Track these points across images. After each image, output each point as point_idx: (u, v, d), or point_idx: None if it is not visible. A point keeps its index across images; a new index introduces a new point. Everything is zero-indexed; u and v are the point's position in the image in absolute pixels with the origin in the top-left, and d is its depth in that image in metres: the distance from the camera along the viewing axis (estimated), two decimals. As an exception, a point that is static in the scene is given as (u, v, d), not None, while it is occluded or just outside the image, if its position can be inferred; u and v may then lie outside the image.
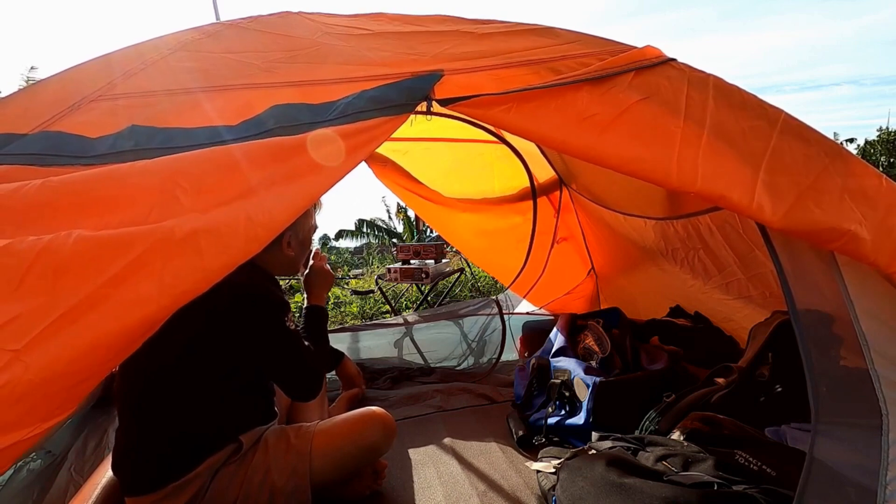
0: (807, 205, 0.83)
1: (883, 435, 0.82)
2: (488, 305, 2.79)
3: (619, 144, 0.88)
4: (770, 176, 0.85)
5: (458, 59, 0.99)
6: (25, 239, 0.60)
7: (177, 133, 0.82)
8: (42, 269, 0.59)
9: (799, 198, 0.84)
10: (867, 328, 0.85)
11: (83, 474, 1.35)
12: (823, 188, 0.85)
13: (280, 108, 0.86)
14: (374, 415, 1.29)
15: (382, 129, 0.85)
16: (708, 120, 0.89)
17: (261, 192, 0.73)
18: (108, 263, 0.61)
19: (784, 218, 0.83)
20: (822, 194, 0.85)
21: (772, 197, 0.83)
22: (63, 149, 0.77)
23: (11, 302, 0.57)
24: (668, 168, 0.85)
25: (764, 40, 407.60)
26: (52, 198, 0.66)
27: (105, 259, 0.61)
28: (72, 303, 0.59)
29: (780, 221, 0.83)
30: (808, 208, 0.83)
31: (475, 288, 5.55)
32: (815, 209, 0.83)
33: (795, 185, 0.85)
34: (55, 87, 0.93)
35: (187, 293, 0.64)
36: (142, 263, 0.62)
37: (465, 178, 2.62)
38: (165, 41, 1.04)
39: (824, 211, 0.83)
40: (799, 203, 0.84)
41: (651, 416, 1.49)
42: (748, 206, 0.83)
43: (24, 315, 0.57)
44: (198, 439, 1.10)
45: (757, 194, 0.83)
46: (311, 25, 1.13)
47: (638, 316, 2.25)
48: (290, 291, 5.43)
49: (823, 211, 0.83)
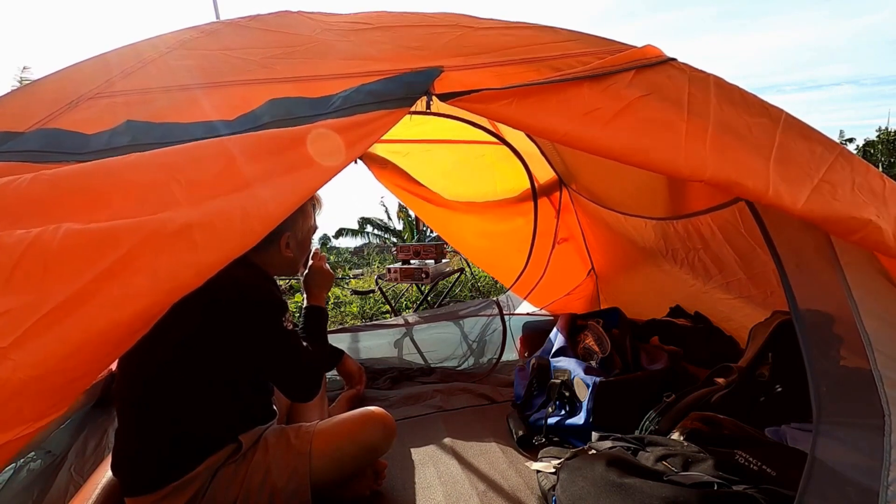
0: (823, 195, 0.81)
1: (885, 435, 0.81)
2: (489, 306, 2.79)
3: (625, 136, 0.86)
4: (782, 166, 0.83)
5: (458, 56, 0.98)
6: (13, 233, 0.58)
7: (173, 128, 0.81)
8: (30, 265, 0.57)
9: (815, 188, 0.82)
10: (870, 328, 0.85)
11: (83, 474, 1.35)
12: (835, 181, 0.84)
13: (277, 102, 0.85)
14: (374, 415, 1.29)
15: (381, 123, 0.84)
16: (712, 115, 0.88)
17: (256, 185, 0.71)
18: (98, 257, 0.60)
19: (805, 205, 0.80)
20: (835, 187, 0.83)
21: (788, 185, 0.81)
22: (60, 145, 0.77)
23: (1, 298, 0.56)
24: (677, 157, 0.83)
25: (764, 40, 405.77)
26: (43, 192, 0.65)
27: (95, 253, 0.60)
28: (61, 298, 0.57)
29: (801, 209, 0.80)
30: (826, 198, 0.81)
31: (475, 288, 5.54)
32: (832, 200, 0.81)
33: (808, 176, 0.83)
34: (53, 86, 0.92)
35: (181, 287, 0.63)
36: (133, 257, 0.61)
37: (465, 179, 2.61)
38: (164, 40, 1.03)
39: (841, 201, 0.81)
40: (816, 192, 0.81)
41: (651, 416, 1.48)
42: (765, 193, 0.81)
43: (13, 311, 0.55)
44: (197, 439, 1.10)
45: (773, 182, 0.81)
46: (310, 23, 1.13)
47: (638, 316, 2.24)
48: (289, 291, 5.43)
49: (840, 201, 0.81)
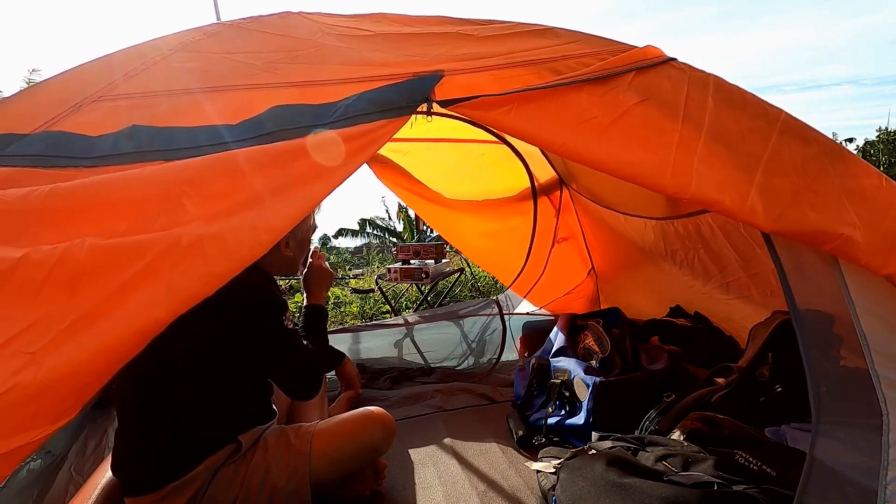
0: (802, 207, 0.85)
1: (883, 435, 0.82)
2: (488, 306, 2.79)
3: (617, 148, 0.89)
4: (766, 178, 0.86)
5: (459, 60, 0.98)
6: (41, 248, 0.62)
7: (178, 132, 0.82)
8: (59, 278, 0.62)
9: (794, 200, 0.85)
10: (867, 328, 0.85)
11: (83, 474, 1.36)
12: (821, 189, 0.87)
13: (280, 109, 0.86)
14: (374, 415, 1.29)
15: (383, 132, 0.85)
16: (707, 122, 0.90)
17: (264, 198, 0.75)
18: (120, 270, 0.64)
19: (776, 221, 0.85)
20: (818, 196, 0.86)
21: (765, 200, 0.85)
22: (64, 149, 0.78)
23: (32, 309, 0.60)
24: (664, 174, 0.87)
25: (764, 40, 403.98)
26: (60, 204, 0.68)
27: (117, 266, 0.64)
28: (86, 308, 0.62)
29: (772, 224, 0.85)
30: (803, 211, 0.85)
31: (475, 288, 5.55)
32: (810, 212, 0.85)
33: (792, 186, 0.86)
34: (56, 88, 0.93)
35: (193, 297, 0.67)
36: (152, 270, 0.65)
37: (466, 178, 2.61)
38: (166, 41, 1.04)
39: (819, 214, 0.85)
40: (794, 205, 0.85)
41: (651, 416, 1.49)
42: (740, 210, 0.85)
43: (42, 321, 0.60)
44: (197, 439, 1.10)
45: (750, 198, 0.85)
46: (311, 26, 1.13)
47: (638, 316, 2.25)
48: (289, 291, 5.43)
49: (818, 214, 0.85)
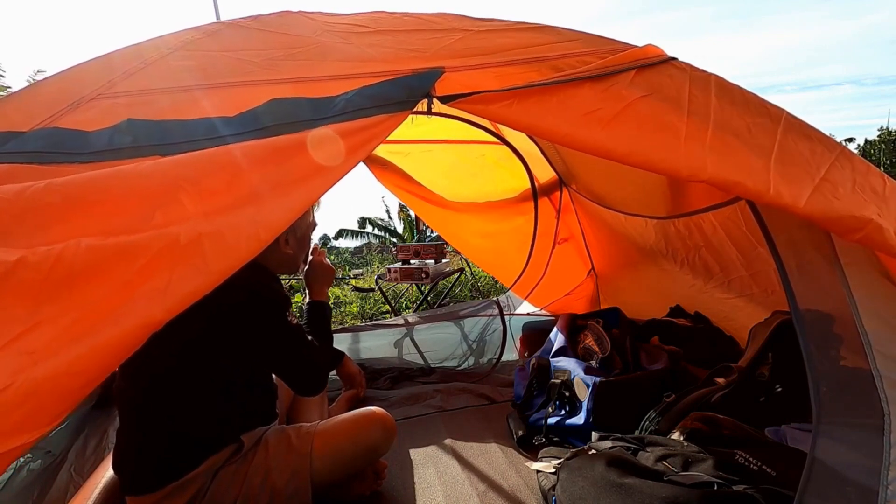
0: (824, 194, 0.82)
1: (884, 435, 0.82)
2: (489, 306, 2.79)
3: (625, 137, 0.86)
4: (782, 166, 0.84)
5: (459, 57, 0.98)
6: (38, 250, 0.62)
7: (174, 126, 0.81)
8: (57, 279, 0.61)
9: (816, 187, 0.82)
10: (869, 327, 0.85)
11: (83, 474, 1.35)
12: (836, 180, 0.84)
13: (278, 103, 0.86)
14: (374, 415, 1.29)
15: (382, 127, 0.84)
16: (712, 116, 0.88)
17: (262, 194, 0.74)
18: (119, 270, 0.63)
19: (807, 205, 0.81)
20: (836, 186, 0.83)
21: (789, 185, 0.82)
22: (61, 145, 0.77)
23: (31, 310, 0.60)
24: (677, 158, 0.84)
25: (764, 40, 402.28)
26: (56, 200, 0.67)
27: (116, 266, 0.64)
28: (86, 308, 0.61)
29: (803, 208, 0.81)
30: (827, 198, 0.82)
31: (475, 288, 5.55)
32: (833, 199, 0.82)
33: (809, 176, 0.84)
34: (55, 86, 0.92)
35: (192, 296, 0.66)
36: (150, 269, 0.64)
37: (466, 179, 2.61)
38: (165, 41, 1.03)
39: (842, 201, 0.82)
40: (817, 192, 0.82)
41: (651, 416, 1.49)
42: (766, 193, 0.81)
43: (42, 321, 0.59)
44: (198, 439, 1.10)
45: (773, 181, 0.81)
46: (311, 24, 1.13)
47: (638, 316, 2.24)
48: (290, 291, 5.43)
49: (841, 201, 0.82)
